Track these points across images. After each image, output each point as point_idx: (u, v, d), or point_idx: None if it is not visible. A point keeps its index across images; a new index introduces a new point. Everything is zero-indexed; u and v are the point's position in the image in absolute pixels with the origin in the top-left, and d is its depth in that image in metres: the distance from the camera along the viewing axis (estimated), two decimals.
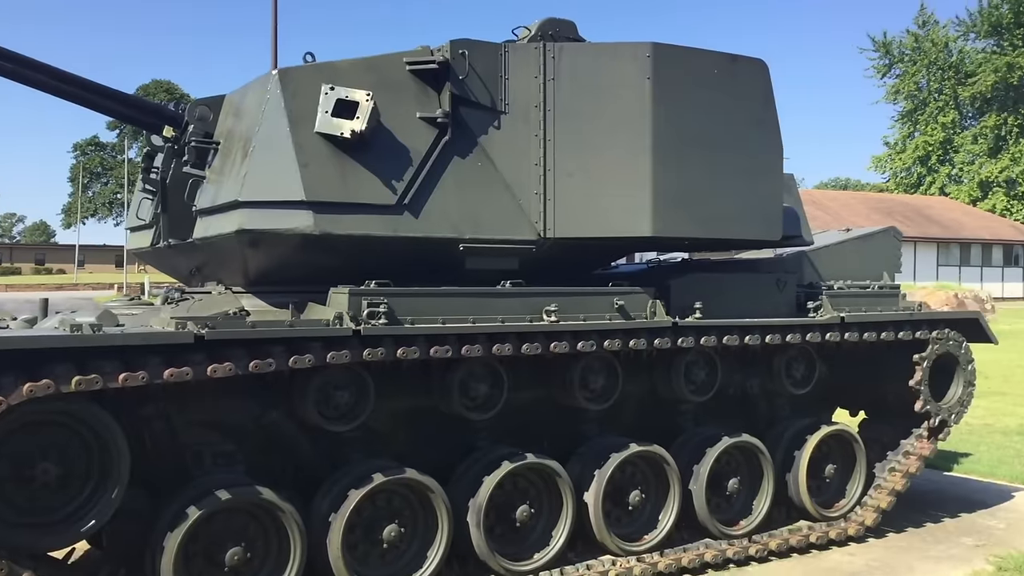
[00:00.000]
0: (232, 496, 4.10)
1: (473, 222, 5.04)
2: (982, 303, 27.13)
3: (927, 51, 54.45)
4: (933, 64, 54.43)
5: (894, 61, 56.03)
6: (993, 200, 52.02)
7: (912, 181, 55.91)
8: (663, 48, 5.28)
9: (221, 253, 4.98)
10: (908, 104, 56.17)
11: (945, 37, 54.70)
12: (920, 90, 55.52)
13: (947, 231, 44.33)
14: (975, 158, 53.60)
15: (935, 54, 54.27)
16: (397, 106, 4.91)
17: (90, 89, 4.88)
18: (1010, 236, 46.39)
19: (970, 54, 54.56)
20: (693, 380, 5.73)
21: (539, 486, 5.13)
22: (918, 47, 54.97)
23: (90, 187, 78.60)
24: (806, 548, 5.97)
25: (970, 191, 52.91)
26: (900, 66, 55.81)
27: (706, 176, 5.39)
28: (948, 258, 44.17)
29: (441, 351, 4.59)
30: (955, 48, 54.87)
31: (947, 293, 26.38)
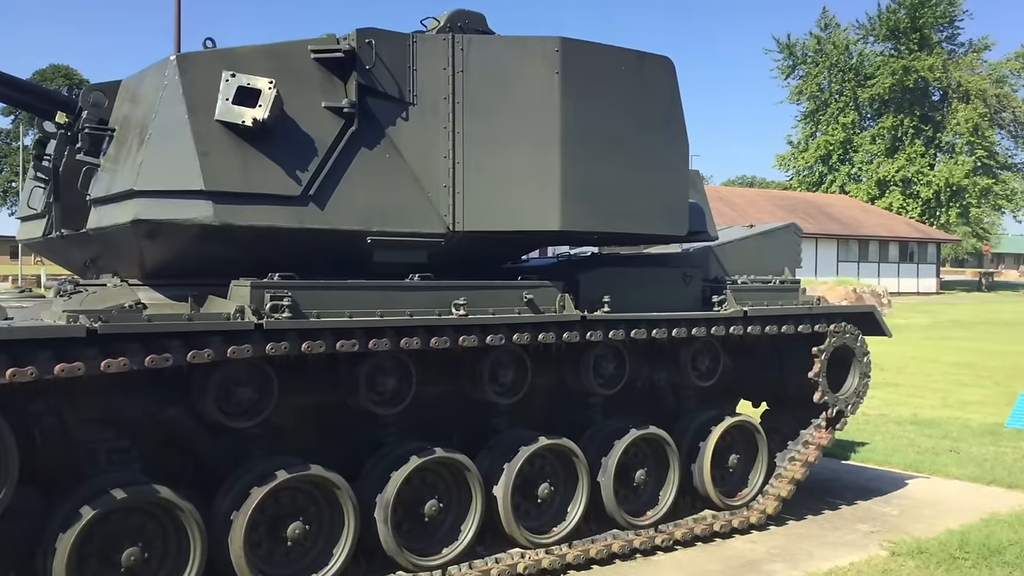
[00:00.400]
0: (128, 495, 4.01)
1: (381, 215, 5.03)
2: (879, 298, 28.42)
3: (829, 53, 56.59)
4: (834, 66, 56.62)
5: (797, 63, 58.05)
6: (890, 198, 54.46)
7: (814, 179, 58.06)
8: (571, 43, 5.36)
9: (116, 244, 4.85)
10: (811, 104, 58.30)
11: (846, 40, 56.96)
12: (822, 91, 57.68)
13: (847, 228, 46.20)
14: (873, 158, 56.01)
15: (836, 56, 56.46)
16: (301, 95, 4.86)
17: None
18: (906, 233, 48.67)
19: (869, 57, 56.99)
20: (602, 373, 5.85)
21: (448, 480, 5.17)
22: (820, 49, 57.07)
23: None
24: (710, 537, 6.18)
25: (868, 190, 55.26)
26: (803, 67, 57.87)
27: (614, 171, 5.49)
28: (848, 254, 46.05)
29: (348, 345, 4.57)
30: (855, 51, 57.19)
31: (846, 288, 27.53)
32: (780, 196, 51.68)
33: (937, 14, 54.44)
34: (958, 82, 54.14)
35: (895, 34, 55.52)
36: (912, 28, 54.63)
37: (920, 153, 54.58)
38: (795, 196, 52.11)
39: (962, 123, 53.66)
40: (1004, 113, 55.17)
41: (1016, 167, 56.72)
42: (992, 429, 10.21)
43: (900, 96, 55.29)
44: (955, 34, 56.91)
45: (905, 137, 55.28)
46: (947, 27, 56.21)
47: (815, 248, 42.28)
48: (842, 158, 57.19)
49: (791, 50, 57.98)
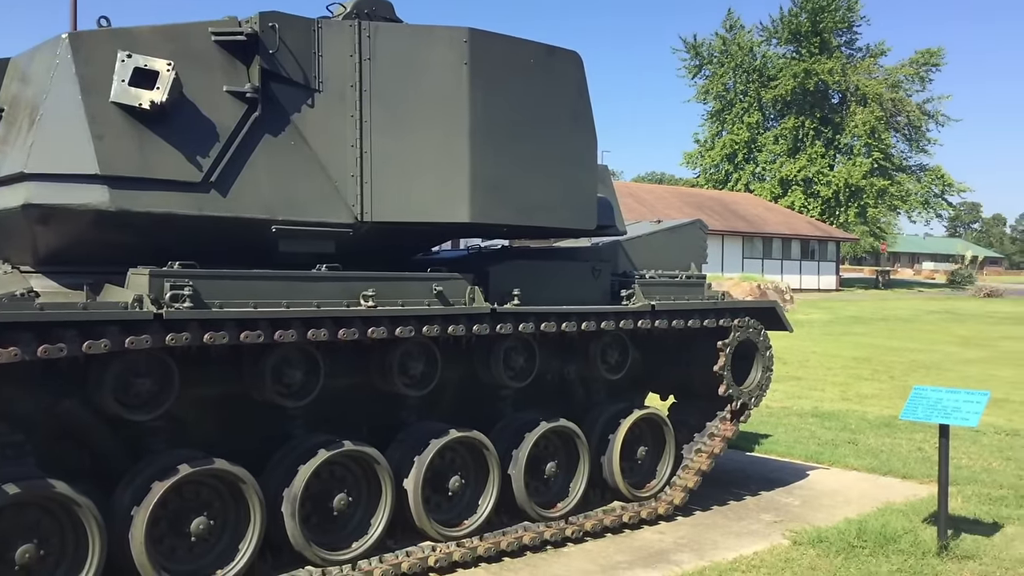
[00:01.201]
0: (21, 490, 3.93)
1: (286, 203, 5.04)
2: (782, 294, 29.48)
3: (734, 54, 58.36)
4: (739, 67, 58.42)
5: (704, 63, 59.67)
6: (792, 197, 56.52)
7: (720, 177, 59.77)
8: (480, 34, 5.46)
9: (6, 229, 4.73)
10: (717, 104, 60.00)
11: (750, 42, 58.83)
12: (727, 91, 59.43)
13: (751, 226, 47.74)
14: (776, 157, 58.03)
15: (741, 57, 58.27)
16: (202, 78, 4.83)
17: None
18: (807, 232, 50.57)
19: (772, 59, 58.99)
20: (512, 366, 5.98)
21: (357, 474, 5.21)
22: (726, 50, 58.79)
23: None
24: (619, 528, 6.38)
25: (772, 188, 57.24)
26: (709, 68, 59.51)
27: (523, 164, 5.61)
28: (752, 251, 47.59)
29: (252, 336, 4.57)
30: (759, 52, 59.12)
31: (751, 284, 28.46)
32: (688, 193, 53.05)
33: (836, 19, 56.74)
34: (856, 86, 56.58)
35: (797, 37, 57.65)
36: (813, 32, 56.82)
37: (820, 154, 56.83)
38: (702, 193, 53.57)
39: (860, 126, 56.10)
40: (899, 117, 57.90)
41: (910, 169, 59.59)
42: (888, 421, 10.81)
43: (802, 98, 57.45)
44: (853, 39, 59.46)
45: (806, 138, 57.47)
46: (846, 32, 58.64)
47: (721, 244, 43.57)
48: (747, 157, 59.04)
49: (697, 50, 59.55)
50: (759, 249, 47.90)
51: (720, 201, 50.87)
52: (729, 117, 59.26)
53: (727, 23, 59.36)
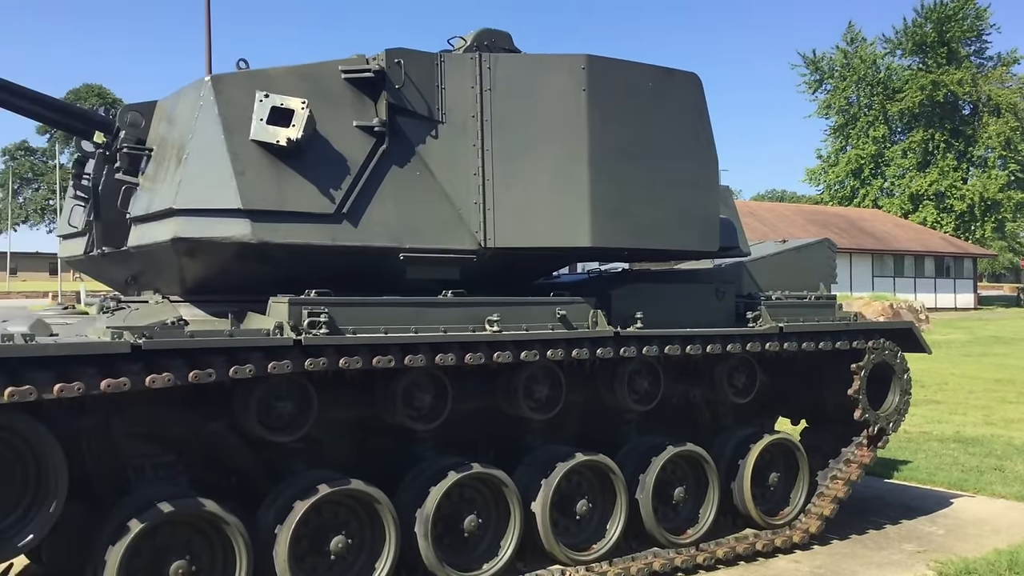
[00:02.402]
0: (175, 508, 4.19)
1: (413, 231, 5.24)
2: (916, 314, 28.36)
3: (856, 67, 56.88)
4: (862, 80, 56.90)
5: (824, 77, 58.36)
6: (924, 213, 54.43)
7: (846, 193, 58.10)
8: (598, 60, 5.57)
9: (157, 261, 5.08)
10: (840, 118, 58.53)
11: (873, 54, 57.27)
12: (851, 105, 57.92)
13: (881, 243, 46.18)
14: (905, 172, 56.06)
15: (864, 70, 56.74)
16: (333, 114, 5.09)
17: (17, 94, 4.96)
18: (941, 248, 48.57)
19: (897, 71, 57.23)
20: (636, 390, 5.99)
21: (486, 496, 5.32)
22: (847, 63, 57.37)
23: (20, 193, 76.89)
24: (753, 556, 6.28)
25: (901, 204, 55.27)
26: (830, 81, 58.16)
27: (643, 187, 5.67)
28: (882, 269, 45.96)
29: (384, 361, 4.76)
30: (883, 65, 57.43)
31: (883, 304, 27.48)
32: (811, 211, 51.79)
33: (964, 28, 54.73)
34: (988, 96, 54.26)
35: (922, 48, 55.82)
36: (939, 42, 54.91)
37: (952, 167, 54.62)
38: (827, 210, 52.20)
39: (994, 137, 53.73)
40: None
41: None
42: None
43: (930, 110, 55.45)
44: (983, 48, 57.18)
45: (937, 151, 55.36)
46: (975, 41, 56.47)
47: (849, 263, 42.26)
48: (874, 172, 57.26)
49: (817, 65, 58.34)
50: (890, 267, 46.26)
51: (846, 218, 49.42)
52: (853, 131, 57.68)
53: (848, 36, 58.01)
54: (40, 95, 5.11)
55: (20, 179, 77.91)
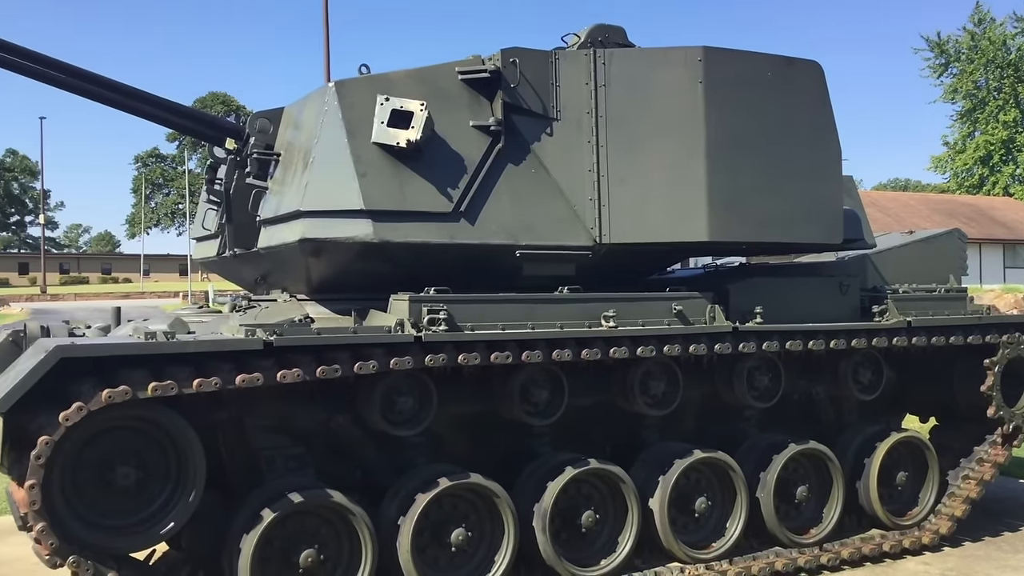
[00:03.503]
0: (304, 499, 4.35)
1: (529, 229, 5.27)
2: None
3: (984, 49, 53.95)
4: (991, 62, 53.88)
5: (950, 60, 55.59)
6: None
7: (974, 181, 55.25)
8: (715, 52, 5.48)
9: (285, 261, 5.28)
10: (967, 103, 55.63)
11: (1003, 35, 54.19)
12: (979, 88, 54.96)
13: (1013, 232, 43.74)
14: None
15: (993, 52, 53.73)
16: (450, 115, 5.17)
17: (155, 104, 5.25)
18: None
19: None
20: (756, 386, 5.87)
21: (603, 492, 5.31)
22: (975, 45, 54.48)
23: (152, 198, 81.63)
24: (879, 557, 6.08)
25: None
26: (957, 65, 55.33)
27: (763, 179, 5.56)
28: (1015, 260, 43.52)
29: (501, 357, 4.80)
30: (1013, 46, 54.30)
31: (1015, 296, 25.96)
32: (937, 200, 49.45)
33: None
34: None
35: None
36: None
37: None
38: (954, 199, 49.75)
39: None
40: None
41: None
42: None
43: None
44: None
45: None
46: None
47: (979, 254, 40.15)
48: (1004, 158, 54.22)
49: (942, 48, 55.63)
50: (1023, 258, 43.75)
51: (975, 207, 47.00)
52: (982, 116, 54.72)
53: (975, 17, 55.01)
54: (177, 105, 5.38)
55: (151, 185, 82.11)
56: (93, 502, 4.02)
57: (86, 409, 3.83)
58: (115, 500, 4.05)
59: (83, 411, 3.82)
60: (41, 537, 3.81)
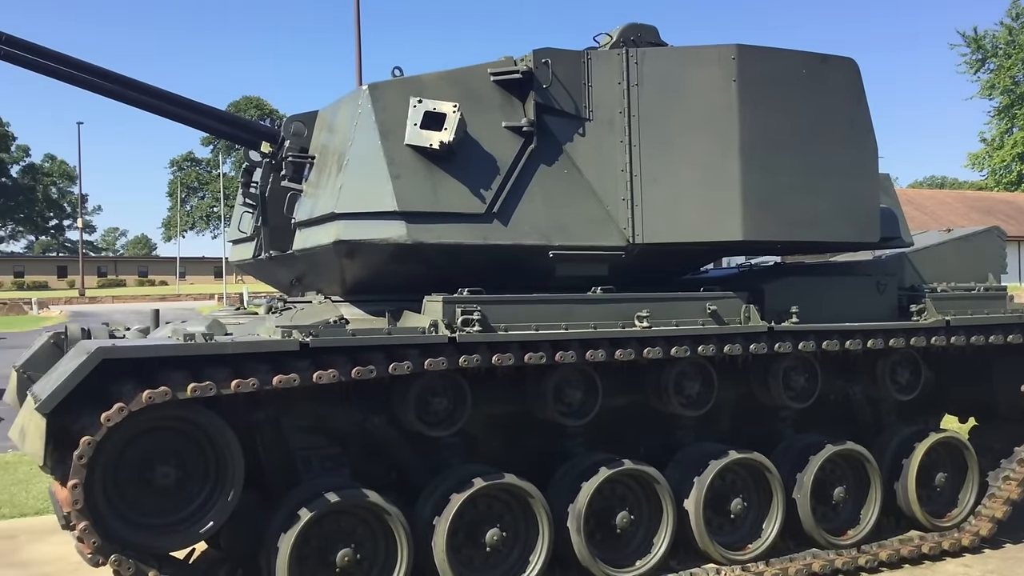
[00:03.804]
0: (341, 498, 4.39)
1: (561, 229, 5.27)
2: None
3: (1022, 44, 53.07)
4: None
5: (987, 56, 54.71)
6: None
7: (1012, 179, 54.30)
8: (749, 50, 5.45)
9: (319, 263, 5.32)
10: (1004, 99, 54.67)
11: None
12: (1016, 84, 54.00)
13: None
14: None
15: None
16: (483, 116, 5.18)
17: (192, 108, 5.31)
18: None
19: None
20: (792, 386, 5.83)
21: (638, 492, 5.30)
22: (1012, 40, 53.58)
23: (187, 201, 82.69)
24: (918, 559, 6.00)
25: None
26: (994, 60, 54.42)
27: (798, 178, 5.53)
28: None
29: (535, 358, 4.81)
30: None
31: None
32: (975, 197, 48.71)
33: None
34: None
35: None
36: None
37: None
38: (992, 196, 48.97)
39: None
40: None
41: None
42: None
43: None
44: None
45: None
46: None
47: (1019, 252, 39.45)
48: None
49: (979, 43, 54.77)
50: None
51: (1014, 204, 46.25)
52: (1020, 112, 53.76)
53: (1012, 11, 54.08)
54: (214, 109, 5.45)
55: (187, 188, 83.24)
56: (134, 501, 4.09)
57: (127, 410, 3.89)
58: (155, 499, 4.12)
59: (124, 411, 3.88)
60: (84, 536, 3.88)
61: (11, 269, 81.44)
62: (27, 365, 5.48)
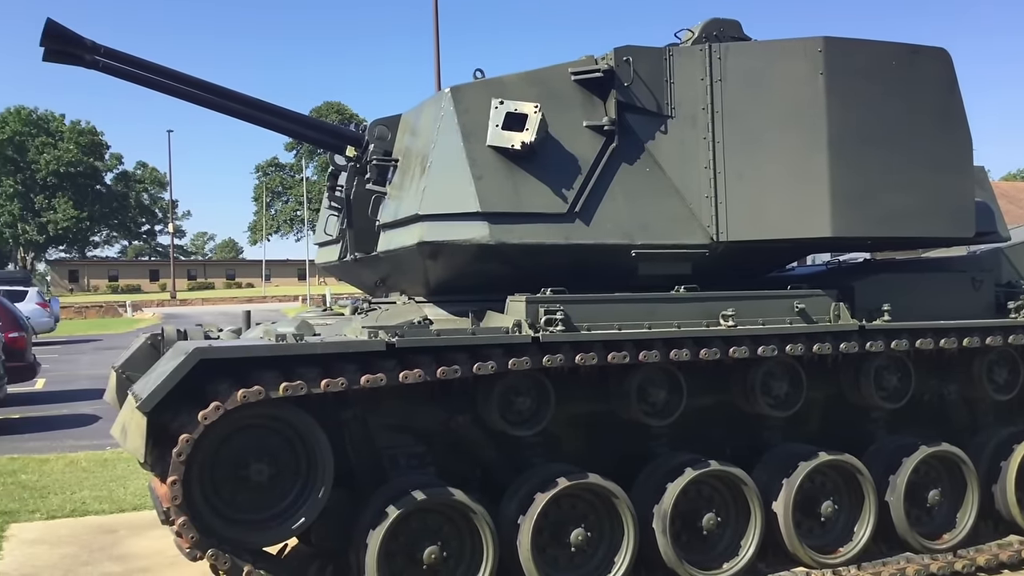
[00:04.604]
0: (427, 496, 4.45)
1: (644, 228, 5.25)
2: None
3: None
4: None
5: None
6: None
7: None
8: (836, 42, 5.35)
9: (403, 264, 5.41)
10: None
11: None
12: None
13: None
14: None
15: None
16: (564, 116, 5.19)
17: (281, 115, 5.47)
18: None
19: None
20: (884, 386, 5.69)
21: (724, 494, 5.24)
22: None
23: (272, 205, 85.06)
24: (1018, 564, 5.80)
25: None
26: None
27: (888, 172, 5.40)
28: None
29: (619, 357, 4.80)
30: None
31: None
32: None
33: None
34: None
35: None
36: None
37: None
38: None
39: None
40: None
41: None
42: None
43: None
44: None
45: None
46: None
47: None
48: None
49: None
50: None
51: None
52: None
53: None
54: (302, 116, 5.60)
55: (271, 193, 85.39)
56: (230, 498, 4.22)
57: (223, 408, 4.01)
58: (250, 496, 4.24)
59: (220, 410, 4.01)
60: (182, 531, 4.02)
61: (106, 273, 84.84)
62: (126, 365, 5.71)
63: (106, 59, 5.05)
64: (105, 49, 5.04)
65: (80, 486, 8.48)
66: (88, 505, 7.80)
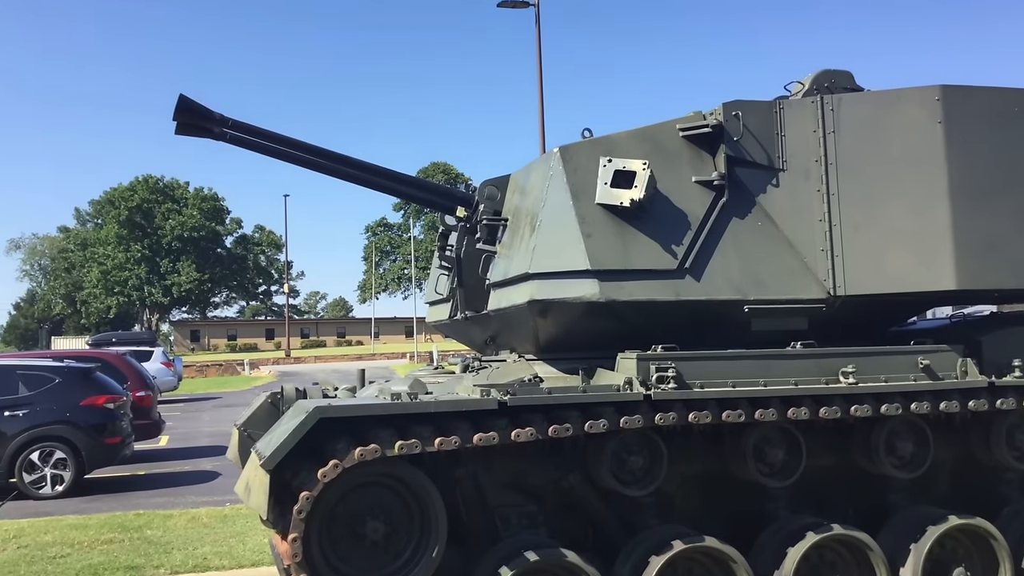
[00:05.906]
0: (540, 557, 4.44)
1: (757, 283, 5.18)
2: None
3: None
4: None
5: None
6: None
7: None
8: (954, 90, 5.27)
9: (513, 322, 5.47)
10: None
11: None
12: None
13: None
14: None
15: None
16: (673, 172, 5.22)
17: (395, 179, 5.68)
18: None
19: None
20: (1017, 446, 5.44)
21: (848, 559, 5.05)
22: None
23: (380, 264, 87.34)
24: None
25: None
26: None
27: (1016, 221, 5.26)
28: None
29: (733, 415, 4.72)
30: None
31: None
32: None
33: None
34: None
35: None
36: None
37: None
38: None
39: None
40: None
41: None
42: None
43: None
44: None
45: None
46: None
47: None
48: None
49: None
50: None
51: None
52: None
53: None
54: (412, 178, 5.80)
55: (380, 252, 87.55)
56: (347, 555, 4.29)
57: (341, 466, 4.11)
58: (366, 553, 4.31)
59: (338, 468, 4.11)
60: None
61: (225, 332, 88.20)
62: (247, 424, 5.91)
63: (234, 131, 5.35)
64: (233, 122, 5.34)
65: (202, 542, 8.73)
66: (209, 561, 8.02)
